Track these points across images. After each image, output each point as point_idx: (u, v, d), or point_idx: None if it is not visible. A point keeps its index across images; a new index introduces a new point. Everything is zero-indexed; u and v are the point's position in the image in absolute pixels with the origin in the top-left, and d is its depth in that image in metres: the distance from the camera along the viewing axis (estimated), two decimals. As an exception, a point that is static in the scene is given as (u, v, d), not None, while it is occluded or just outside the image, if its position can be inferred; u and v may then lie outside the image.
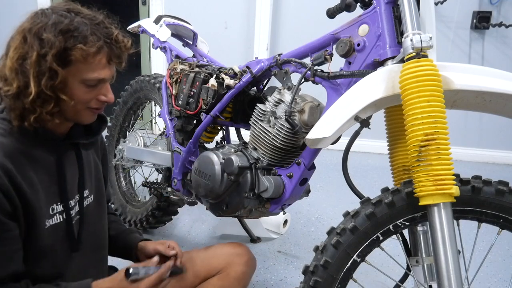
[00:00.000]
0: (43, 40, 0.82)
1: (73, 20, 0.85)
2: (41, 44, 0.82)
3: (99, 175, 1.08)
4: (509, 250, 2.00)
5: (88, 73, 0.86)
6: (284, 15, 3.30)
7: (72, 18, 0.85)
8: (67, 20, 0.84)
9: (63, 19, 0.84)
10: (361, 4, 1.08)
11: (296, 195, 1.25)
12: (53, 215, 0.90)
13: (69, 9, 0.87)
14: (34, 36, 0.83)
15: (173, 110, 1.58)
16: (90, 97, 0.89)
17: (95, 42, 0.85)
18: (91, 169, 1.04)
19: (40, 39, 0.82)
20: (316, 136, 0.95)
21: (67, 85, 0.85)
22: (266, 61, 1.31)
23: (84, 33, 0.84)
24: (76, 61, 0.84)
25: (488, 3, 3.10)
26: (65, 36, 0.83)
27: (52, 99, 0.84)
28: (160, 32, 1.80)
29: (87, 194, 1.01)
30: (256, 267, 1.24)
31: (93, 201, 1.03)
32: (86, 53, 0.84)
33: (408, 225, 0.93)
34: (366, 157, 3.36)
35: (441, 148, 0.83)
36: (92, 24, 0.86)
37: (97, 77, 0.87)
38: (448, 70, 0.89)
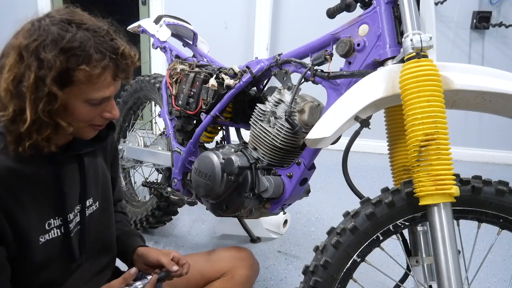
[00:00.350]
0: (42, 61, 0.74)
1: (75, 35, 0.77)
2: (39, 65, 0.74)
3: (107, 180, 1.04)
4: (509, 250, 2.00)
5: (92, 93, 0.80)
6: (284, 15, 3.31)
7: (74, 33, 0.77)
8: (68, 35, 0.76)
9: (64, 34, 0.76)
10: (361, 4, 1.08)
11: (296, 195, 1.25)
12: (50, 230, 0.86)
13: (70, 20, 0.79)
14: (32, 55, 0.75)
15: (173, 110, 1.58)
16: (93, 115, 0.84)
17: (100, 61, 0.77)
18: (98, 176, 0.99)
19: (38, 59, 0.74)
20: (316, 136, 0.95)
21: (68, 107, 0.79)
22: (266, 61, 1.31)
23: (88, 51, 0.76)
24: (78, 82, 0.77)
25: (488, 3, 3.10)
26: (67, 56, 0.75)
27: (49, 125, 0.78)
28: (160, 32, 1.80)
29: (90, 202, 0.97)
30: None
31: (98, 208, 0.99)
32: (90, 74, 0.77)
33: (408, 225, 0.93)
34: (366, 157, 3.36)
35: (441, 148, 0.83)
36: (96, 38, 0.79)
37: (101, 96, 0.81)
38: (448, 70, 0.89)
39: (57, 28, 0.77)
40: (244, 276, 1.14)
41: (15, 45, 0.76)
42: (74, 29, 0.78)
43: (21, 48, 0.75)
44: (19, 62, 0.75)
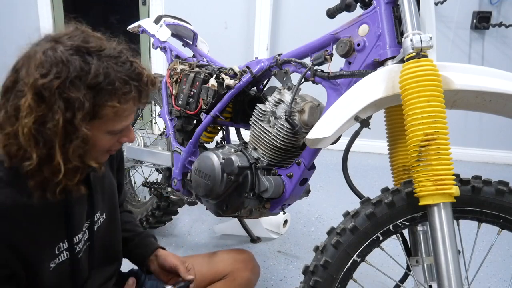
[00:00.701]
0: (68, 101, 0.67)
1: (99, 67, 0.70)
2: (66, 106, 0.67)
3: (113, 189, 1.01)
4: (509, 250, 2.00)
5: (116, 124, 0.76)
6: (284, 15, 3.31)
7: (97, 65, 0.70)
8: (93, 68, 0.69)
9: (87, 67, 0.69)
10: (361, 4, 1.08)
11: (296, 195, 1.25)
12: (59, 254, 0.83)
13: (87, 49, 0.71)
14: (55, 95, 0.67)
15: (173, 110, 1.58)
16: (113, 143, 0.81)
17: (128, 94, 0.73)
18: (104, 188, 0.97)
19: (64, 99, 0.67)
20: (316, 136, 0.95)
21: (91, 141, 0.74)
22: (266, 61, 1.31)
23: (114, 84, 0.71)
24: (105, 117, 0.73)
25: (488, 3, 3.10)
26: (94, 92, 0.69)
27: (80, 169, 0.73)
28: (160, 32, 1.80)
29: (98, 216, 0.94)
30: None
31: (105, 219, 0.97)
32: (118, 109, 0.73)
33: (408, 225, 0.93)
34: (366, 157, 3.36)
35: (441, 148, 0.83)
36: (118, 66, 0.73)
37: (124, 126, 0.79)
38: (448, 70, 0.89)
39: (77, 60, 0.70)
40: (245, 278, 1.14)
41: (29, 82, 0.67)
42: (95, 59, 0.71)
43: (40, 87, 0.67)
44: (40, 103, 0.67)
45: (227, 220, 2.01)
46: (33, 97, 0.67)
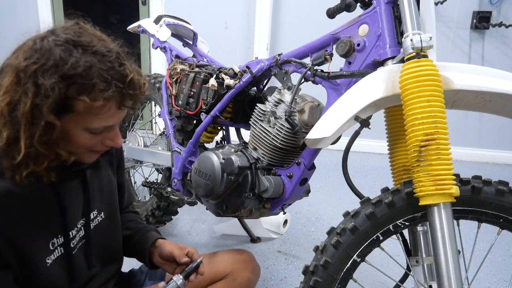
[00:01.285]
0: (39, 87, 0.68)
1: (80, 60, 0.70)
2: (36, 91, 0.68)
3: (112, 188, 1.01)
4: (509, 250, 2.00)
5: (93, 122, 0.74)
6: (284, 15, 3.31)
7: (78, 57, 0.70)
8: (72, 60, 0.69)
9: (67, 58, 0.69)
10: (361, 4, 1.08)
11: (296, 195, 1.25)
12: (54, 249, 0.83)
13: (76, 42, 0.71)
14: (30, 80, 0.68)
15: (173, 110, 1.58)
16: (94, 142, 0.79)
17: (103, 92, 0.71)
18: (102, 186, 0.96)
19: (36, 84, 0.68)
20: (316, 136, 0.95)
21: (67, 134, 0.74)
22: (266, 61, 1.31)
23: (91, 80, 0.70)
24: (78, 111, 0.72)
25: (488, 3, 3.10)
26: (67, 83, 0.69)
27: (47, 156, 0.73)
28: (160, 32, 1.80)
29: (95, 215, 0.94)
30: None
31: (104, 218, 0.97)
32: (91, 106, 0.71)
33: (408, 225, 0.93)
34: (366, 157, 3.36)
35: (441, 148, 0.83)
36: (103, 63, 0.72)
37: (103, 126, 0.77)
38: (448, 70, 0.89)
39: (60, 50, 0.70)
40: (246, 279, 1.14)
41: (14, 65, 0.70)
42: (80, 52, 0.71)
43: (19, 70, 0.69)
44: (16, 85, 0.69)
45: (227, 220, 2.01)
46: (12, 79, 0.69)
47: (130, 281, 1.15)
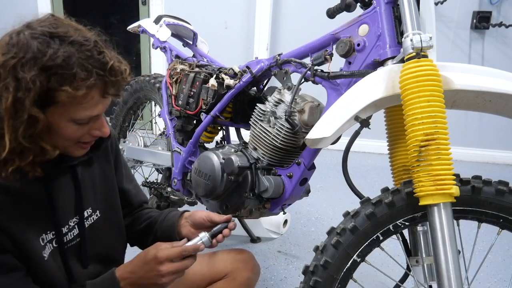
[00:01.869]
0: (20, 81, 0.67)
1: (58, 51, 0.69)
2: (17, 85, 0.68)
3: (109, 186, 0.99)
4: (509, 250, 2.00)
5: (78, 112, 0.74)
6: (284, 15, 3.30)
7: (56, 49, 0.69)
8: (50, 51, 0.69)
9: (45, 49, 0.69)
10: (361, 4, 1.08)
11: (296, 195, 1.25)
12: (45, 245, 0.83)
13: (52, 34, 0.71)
14: (9, 74, 0.68)
15: (173, 110, 1.58)
16: (81, 134, 0.79)
17: (85, 80, 0.71)
18: (96, 183, 0.95)
19: (16, 78, 0.68)
20: (316, 136, 0.95)
21: (51, 127, 0.74)
22: (266, 61, 1.31)
23: (71, 70, 0.70)
24: (62, 102, 0.71)
25: (488, 3, 3.10)
26: (48, 75, 0.68)
27: (32, 150, 0.72)
28: (160, 32, 1.80)
29: (89, 213, 0.93)
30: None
31: (100, 217, 0.95)
32: (74, 95, 0.71)
33: (408, 225, 0.93)
34: (366, 157, 3.36)
35: (441, 148, 0.83)
36: (82, 52, 0.71)
37: (88, 116, 0.76)
38: (448, 70, 0.89)
39: (37, 43, 0.69)
40: (246, 278, 1.14)
41: None
42: (57, 43, 0.70)
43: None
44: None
45: (227, 220, 2.01)
46: None
47: None
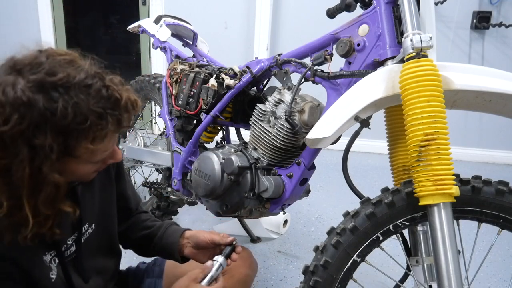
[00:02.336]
0: (35, 149, 0.61)
1: (67, 104, 0.61)
2: (32, 154, 0.61)
3: (108, 197, 0.96)
4: (509, 250, 2.00)
5: (95, 156, 0.71)
6: (284, 15, 3.30)
7: (64, 102, 0.61)
8: (59, 108, 0.61)
9: (53, 106, 0.61)
10: (361, 4, 1.08)
11: (296, 195, 1.25)
12: (49, 266, 0.79)
13: (54, 83, 0.62)
14: (20, 143, 0.60)
15: (173, 110, 1.58)
16: (97, 167, 0.77)
17: (101, 130, 0.66)
18: (95, 197, 0.92)
19: (30, 146, 0.60)
20: (316, 136, 0.95)
21: (68, 173, 0.69)
22: (266, 61, 1.31)
23: (86, 123, 0.63)
24: (80, 156, 0.67)
25: (488, 3, 3.10)
26: (63, 135, 0.62)
27: (53, 216, 0.68)
28: (160, 32, 1.80)
29: (86, 228, 0.89)
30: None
31: (94, 230, 0.92)
32: (93, 149, 0.67)
33: (408, 225, 0.93)
34: (366, 157, 3.36)
35: (441, 148, 0.83)
36: (91, 97, 0.64)
37: (105, 155, 0.74)
38: (448, 70, 0.89)
39: (41, 99, 0.61)
40: (243, 274, 1.14)
41: None
42: (63, 94, 0.62)
43: (2, 135, 0.60)
44: (3, 151, 0.61)
45: (227, 220, 2.01)
46: None
47: (128, 280, 1.15)
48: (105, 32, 3.68)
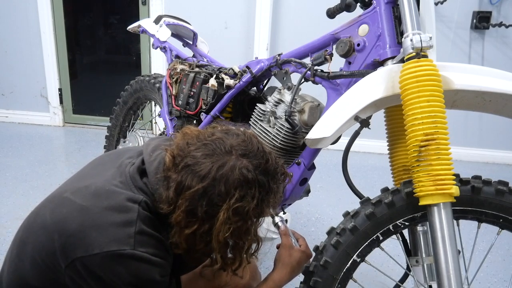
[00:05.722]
0: (260, 215, 0.81)
1: (274, 184, 0.82)
2: (258, 220, 0.82)
3: None
4: (509, 250, 2.00)
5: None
6: (284, 15, 3.30)
7: (272, 184, 0.82)
8: (271, 187, 0.81)
9: (267, 186, 0.81)
10: (361, 4, 1.08)
11: (296, 195, 1.25)
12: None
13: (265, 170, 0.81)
14: (251, 213, 0.78)
15: (173, 110, 1.58)
16: None
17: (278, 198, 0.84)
18: None
19: (257, 215, 0.80)
20: (316, 136, 0.95)
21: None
22: (266, 61, 1.31)
23: (276, 196, 0.82)
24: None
25: (488, 3, 3.09)
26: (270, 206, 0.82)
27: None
28: (160, 32, 1.80)
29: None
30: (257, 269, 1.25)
31: None
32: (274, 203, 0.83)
33: (408, 225, 0.93)
34: (366, 157, 3.35)
35: (441, 148, 0.83)
36: (280, 180, 0.84)
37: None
38: (448, 70, 0.89)
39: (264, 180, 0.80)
40: (242, 285, 1.15)
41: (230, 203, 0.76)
42: (270, 179, 0.82)
43: (239, 207, 0.77)
44: (237, 218, 0.77)
45: (227, 220, 2.00)
46: (231, 214, 0.76)
47: None
48: (105, 32, 3.67)
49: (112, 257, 0.74)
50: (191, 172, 0.77)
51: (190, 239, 0.79)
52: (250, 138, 0.84)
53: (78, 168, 0.98)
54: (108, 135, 2.12)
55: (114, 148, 2.06)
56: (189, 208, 0.77)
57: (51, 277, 0.79)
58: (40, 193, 2.30)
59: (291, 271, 0.98)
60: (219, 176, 0.76)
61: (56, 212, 0.80)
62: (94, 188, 0.81)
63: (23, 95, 3.60)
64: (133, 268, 0.75)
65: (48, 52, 3.43)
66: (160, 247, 0.80)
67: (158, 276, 0.78)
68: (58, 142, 3.28)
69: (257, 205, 0.78)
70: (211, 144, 0.80)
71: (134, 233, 0.76)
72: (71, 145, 3.21)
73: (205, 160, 0.78)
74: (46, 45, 3.41)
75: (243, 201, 0.77)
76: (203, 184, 0.76)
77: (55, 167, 2.71)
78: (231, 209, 0.76)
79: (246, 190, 0.77)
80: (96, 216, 0.77)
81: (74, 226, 0.76)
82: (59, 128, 3.62)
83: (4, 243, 1.82)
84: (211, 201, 0.77)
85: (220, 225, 0.76)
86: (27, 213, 0.89)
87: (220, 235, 0.77)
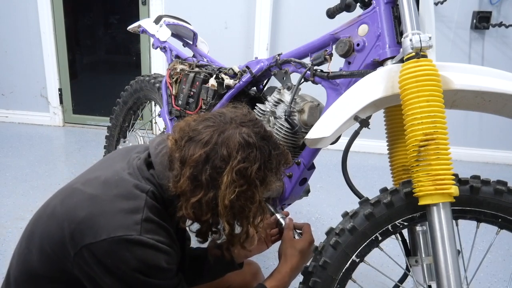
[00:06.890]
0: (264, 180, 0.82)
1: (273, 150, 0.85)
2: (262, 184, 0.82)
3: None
4: (508, 250, 2.00)
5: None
6: (284, 15, 3.30)
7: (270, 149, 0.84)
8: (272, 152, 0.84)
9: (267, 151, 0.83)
10: (360, 4, 1.08)
11: (295, 195, 1.25)
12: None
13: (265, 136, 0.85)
14: (254, 176, 0.80)
15: (173, 110, 1.58)
16: None
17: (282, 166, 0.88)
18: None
19: (261, 179, 0.81)
20: (315, 136, 0.95)
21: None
22: (266, 61, 1.31)
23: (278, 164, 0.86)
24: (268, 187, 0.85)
25: (488, 3, 3.09)
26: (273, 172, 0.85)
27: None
28: (160, 32, 1.80)
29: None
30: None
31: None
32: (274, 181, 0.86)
33: (407, 225, 0.93)
34: (366, 157, 3.35)
35: (441, 148, 0.83)
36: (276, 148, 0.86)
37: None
38: (447, 70, 0.89)
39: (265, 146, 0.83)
40: (250, 285, 1.15)
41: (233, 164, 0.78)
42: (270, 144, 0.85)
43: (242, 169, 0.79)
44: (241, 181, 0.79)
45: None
46: (235, 176, 0.78)
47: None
48: (105, 32, 3.67)
49: (119, 242, 0.75)
50: (193, 142, 0.80)
51: (197, 208, 0.80)
52: (250, 112, 0.88)
53: (78, 168, 0.99)
54: (108, 135, 2.12)
55: (114, 149, 2.07)
56: (194, 174, 0.78)
57: (60, 267, 0.80)
58: (40, 193, 2.30)
59: (297, 261, 1.00)
60: (221, 141, 0.79)
61: (66, 201, 0.81)
62: (104, 178, 0.83)
63: (23, 95, 3.60)
64: (139, 254, 0.76)
65: (48, 52, 3.43)
66: (166, 235, 0.81)
67: (165, 263, 0.79)
68: (58, 142, 3.29)
69: (260, 168, 0.80)
70: (212, 117, 0.83)
71: (141, 220, 0.77)
72: (71, 145, 3.21)
73: (206, 130, 0.80)
74: (46, 45, 3.41)
75: (245, 162, 0.78)
76: (205, 149, 0.78)
77: (55, 167, 2.71)
78: (234, 170, 0.77)
79: (247, 152, 0.79)
80: (105, 203, 0.78)
81: (83, 214, 0.77)
82: (59, 128, 3.62)
83: (4, 243, 1.82)
84: (214, 165, 0.78)
85: (225, 188, 0.78)
86: (27, 213, 0.90)
87: (226, 199, 0.78)
